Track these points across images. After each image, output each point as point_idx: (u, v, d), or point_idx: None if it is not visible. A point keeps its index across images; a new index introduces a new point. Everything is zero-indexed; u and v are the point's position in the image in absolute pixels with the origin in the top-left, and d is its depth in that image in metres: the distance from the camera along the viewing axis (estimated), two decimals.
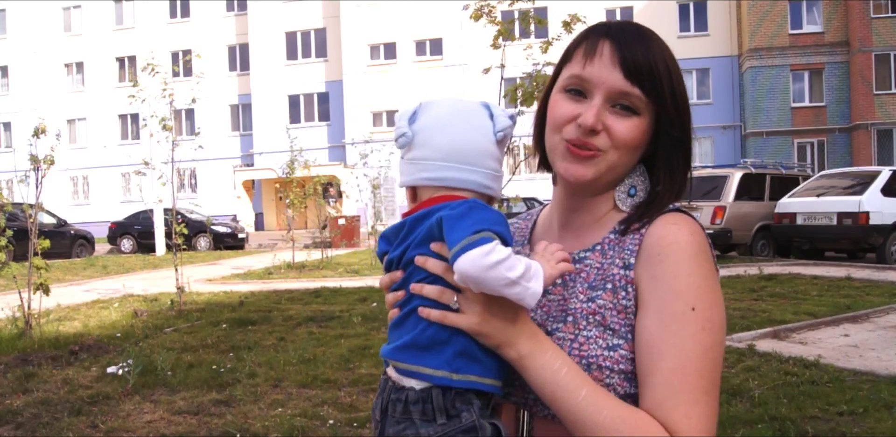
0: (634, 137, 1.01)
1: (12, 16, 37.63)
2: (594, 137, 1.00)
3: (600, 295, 0.99)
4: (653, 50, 1.01)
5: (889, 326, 6.66)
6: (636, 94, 0.99)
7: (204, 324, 7.54)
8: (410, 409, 0.92)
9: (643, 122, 1.01)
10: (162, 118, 8.81)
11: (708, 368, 0.92)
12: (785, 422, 3.88)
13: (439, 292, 0.94)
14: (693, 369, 0.91)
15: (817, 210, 12.82)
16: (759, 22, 28.12)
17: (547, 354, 0.93)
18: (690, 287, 0.94)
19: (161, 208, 20.28)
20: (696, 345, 0.92)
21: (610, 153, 1.01)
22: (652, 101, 1.01)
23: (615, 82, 0.99)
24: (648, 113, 1.01)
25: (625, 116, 1.00)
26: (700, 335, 0.93)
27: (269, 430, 4.05)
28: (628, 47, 1.00)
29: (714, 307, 0.95)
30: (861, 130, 26.84)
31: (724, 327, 0.97)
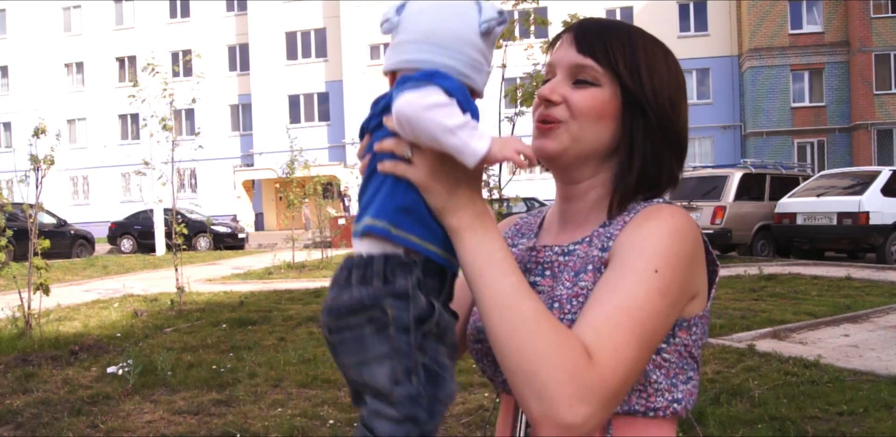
0: (591, 105, 1.01)
1: (12, 16, 37.63)
2: (553, 108, 1.02)
3: (582, 277, 0.99)
4: (609, 27, 1.04)
5: (889, 326, 6.66)
6: (589, 64, 1.01)
7: (204, 324, 7.54)
8: (352, 273, 0.90)
9: (603, 92, 1.02)
10: (162, 118, 8.81)
11: (651, 327, 0.89)
12: (785, 422, 3.88)
13: (395, 143, 0.92)
14: (638, 317, 0.88)
15: (817, 210, 12.82)
16: (759, 22, 28.12)
17: (489, 233, 0.91)
18: (658, 253, 0.93)
19: (161, 208, 20.28)
20: (647, 301, 0.89)
21: (571, 124, 1.02)
22: (609, 72, 1.01)
23: (571, 58, 1.03)
24: (611, 86, 1.02)
25: (583, 88, 1.02)
26: (654, 296, 0.90)
27: (269, 430, 4.05)
28: (586, 30, 1.05)
29: (675, 282, 0.92)
30: (861, 130, 26.85)
31: (675, 307, 0.93)
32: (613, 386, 0.84)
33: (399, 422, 0.86)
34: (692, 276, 0.96)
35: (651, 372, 0.96)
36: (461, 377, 5.00)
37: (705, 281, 1.01)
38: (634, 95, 1.02)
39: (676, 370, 0.98)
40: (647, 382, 0.95)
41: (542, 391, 0.82)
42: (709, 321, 1.04)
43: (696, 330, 1.00)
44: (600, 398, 0.83)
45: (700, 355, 1.03)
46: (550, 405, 0.81)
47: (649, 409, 0.96)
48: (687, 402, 0.99)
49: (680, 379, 0.98)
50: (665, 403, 0.97)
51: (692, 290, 0.97)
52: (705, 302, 1.01)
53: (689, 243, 0.96)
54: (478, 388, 4.75)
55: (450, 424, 4.09)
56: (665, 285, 0.91)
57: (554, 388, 0.82)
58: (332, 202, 23.30)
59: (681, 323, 0.97)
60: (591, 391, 0.82)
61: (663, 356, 0.97)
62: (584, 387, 0.82)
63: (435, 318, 0.89)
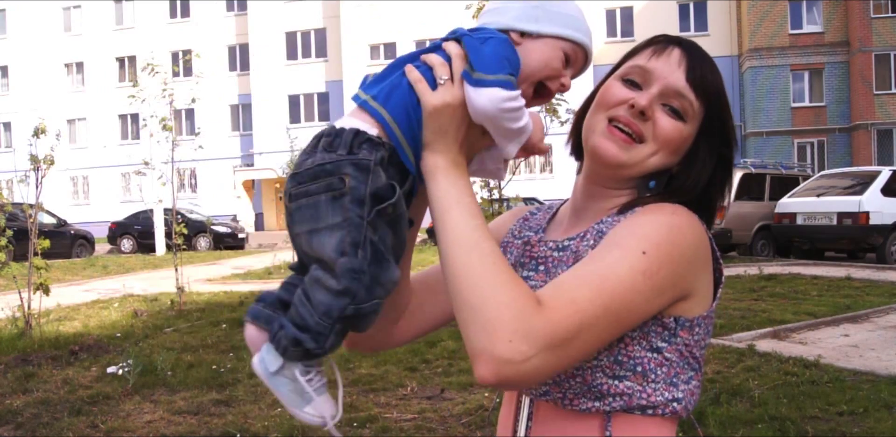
0: (675, 137, 1.02)
1: (12, 16, 37.63)
2: (642, 122, 1.01)
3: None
4: (717, 72, 1.05)
5: (889, 326, 6.66)
6: (690, 98, 1.01)
7: (204, 324, 7.54)
8: (321, 141, 0.92)
9: (687, 129, 1.03)
10: (162, 118, 8.80)
11: (622, 301, 0.87)
12: (785, 422, 3.88)
13: (441, 63, 0.93)
14: (611, 287, 0.86)
15: (817, 210, 12.82)
16: (759, 22, 28.12)
17: (462, 180, 0.93)
18: (650, 238, 0.92)
19: (161, 208, 20.24)
20: (627, 277, 0.88)
21: (648, 146, 1.02)
22: (702, 112, 1.03)
23: (676, 80, 1.02)
24: (694, 124, 1.03)
25: (672, 116, 1.02)
26: (636, 274, 0.88)
27: (269, 430, 4.05)
28: (696, 58, 1.04)
29: (664, 269, 0.90)
30: (861, 130, 26.84)
31: (660, 295, 0.91)
32: (559, 333, 0.82)
33: (337, 294, 0.87)
34: (687, 273, 0.95)
35: (651, 371, 0.95)
36: (461, 377, 5.01)
37: (709, 283, 1.00)
38: (713, 136, 1.05)
39: (677, 370, 0.97)
40: (645, 380, 0.95)
41: (486, 324, 0.81)
42: (712, 322, 1.03)
43: (698, 330, 0.99)
44: (543, 341, 0.81)
45: (703, 356, 1.02)
46: (491, 338, 0.81)
47: (648, 406, 0.96)
48: (687, 402, 0.98)
49: (681, 379, 0.98)
50: (664, 401, 0.96)
51: (685, 287, 0.95)
52: (709, 303, 1.00)
53: (688, 240, 0.95)
54: (478, 388, 4.75)
55: (450, 424, 4.09)
56: (650, 269, 0.89)
57: (497, 322, 0.81)
58: None
59: (683, 323, 0.97)
60: (534, 331, 0.81)
61: (665, 355, 0.96)
62: (528, 327, 0.81)
63: (394, 200, 0.89)
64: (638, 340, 0.95)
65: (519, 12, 0.97)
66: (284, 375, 0.95)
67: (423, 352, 5.79)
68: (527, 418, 1.03)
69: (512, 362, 0.80)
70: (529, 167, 29.57)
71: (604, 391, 0.95)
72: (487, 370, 0.81)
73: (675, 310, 0.96)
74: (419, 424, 4.10)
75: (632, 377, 0.95)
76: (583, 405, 0.97)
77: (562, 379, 0.97)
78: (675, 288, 0.93)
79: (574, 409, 0.97)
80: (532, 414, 1.02)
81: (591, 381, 0.95)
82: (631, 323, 0.90)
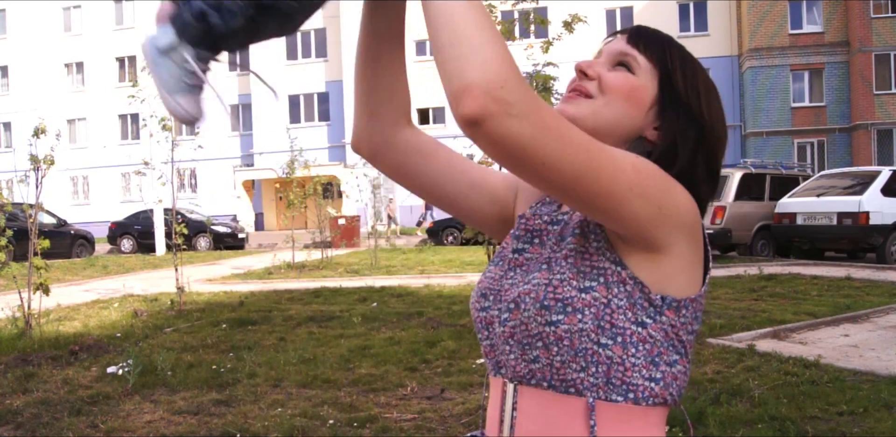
0: (621, 83, 1.04)
1: (12, 16, 37.61)
2: (586, 82, 1.05)
3: (570, 240, 1.01)
4: (661, 35, 1.08)
5: (889, 326, 6.66)
6: (633, 53, 1.05)
7: (204, 324, 7.54)
8: None
9: (635, 78, 1.04)
10: (162, 118, 8.80)
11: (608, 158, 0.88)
12: (785, 422, 3.88)
13: None
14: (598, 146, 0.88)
15: (817, 210, 12.82)
16: (759, 22, 28.11)
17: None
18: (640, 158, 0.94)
19: (161, 208, 20.27)
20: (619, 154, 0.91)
21: (597, 99, 1.04)
22: (653, 65, 1.05)
23: (618, 46, 1.07)
24: (645, 76, 1.05)
25: (617, 69, 1.06)
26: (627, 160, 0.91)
27: (269, 430, 4.05)
28: (642, 30, 1.09)
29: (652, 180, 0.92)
30: (861, 130, 26.84)
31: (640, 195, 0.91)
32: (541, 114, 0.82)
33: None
34: (673, 217, 0.94)
35: (632, 344, 0.95)
36: (461, 377, 5.01)
37: (697, 259, 1.00)
38: (674, 91, 1.05)
39: (660, 350, 0.97)
40: (625, 352, 0.95)
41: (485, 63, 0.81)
42: (702, 309, 1.03)
43: (685, 313, 0.99)
44: (528, 106, 0.81)
45: (690, 342, 1.01)
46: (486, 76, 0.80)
47: (625, 383, 0.96)
48: (668, 385, 0.97)
49: (663, 360, 0.97)
50: (641, 379, 0.96)
51: (667, 235, 0.95)
52: (697, 287, 1.00)
53: (680, 190, 0.96)
54: (477, 388, 4.75)
55: (450, 424, 4.09)
56: (642, 168, 0.92)
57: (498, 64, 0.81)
58: (331, 202, 23.30)
59: (670, 302, 0.97)
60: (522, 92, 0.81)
61: (649, 331, 0.96)
62: (520, 86, 0.81)
63: None
64: (623, 310, 0.95)
65: None
66: (172, 57, 0.89)
67: (423, 352, 5.80)
68: (511, 407, 1.03)
69: (500, 104, 0.79)
70: None
71: (588, 359, 0.95)
72: (476, 103, 0.79)
73: (661, 287, 0.96)
74: (419, 424, 4.10)
75: (613, 346, 0.95)
76: (569, 375, 0.96)
77: (550, 342, 0.96)
78: (658, 210, 0.92)
79: (560, 380, 0.97)
80: (516, 403, 1.02)
81: (578, 344, 0.95)
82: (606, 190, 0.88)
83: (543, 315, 0.96)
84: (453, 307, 8.02)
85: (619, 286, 0.96)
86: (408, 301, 8.80)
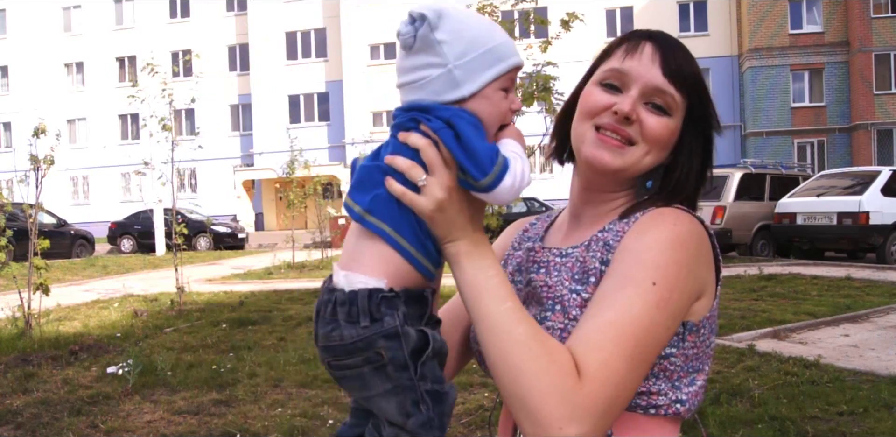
0: (664, 134, 1.03)
1: (12, 16, 37.62)
2: (628, 126, 1.02)
3: (585, 289, 0.99)
4: (692, 60, 1.06)
5: (889, 326, 6.66)
6: (672, 93, 1.02)
7: (204, 324, 7.54)
8: (338, 310, 0.90)
9: (673, 123, 1.04)
10: (162, 118, 8.81)
11: (644, 341, 0.89)
12: (785, 422, 3.88)
13: (409, 165, 0.90)
14: (631, 332, 0.88)
15: (817, 210, 12.82)
16: (759, 22, 28.11)
17: (486, 260, 0.93)
18: (658, 265, 0.93)
19: (161, 208, 20.28)
20: (643, 314, 0.90)
21: (639, 148, 1.03)
22: (686, 103, 1.04)
23: (653, 78, 1.02)
24: (679, 116, 1.04)
25: (657, 113, 1.03)
26: (651, 309, 0.90)
27: (269, 430, 4.05)
28: (670, 50, 1.04)
29: (675, 293, 0.92)
30: (861, 130, 26.84)
31: (676, 318, 0.93)
32: (603, 404, 0.84)
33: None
34: (695, 279, 0.96)
35: (653, 375, 0.96)
36: (461, 377, 5.00)
37: (713, 278, 1.01)
38: (696, 130, 1.06)
39: (680, 374, 0.98)
40: (651, 386, 0.96)
41: (534, 414, 0.83)
42: (716, 319, 1.04)
43: (703, 331, 1.00)
44: (590, 416, 0.83)
45: (709, 354, 1.03)
46: (542, 427, 0.83)
47: (650, 406, 0.96)
48: (691, 404, 0.99)
49: (684, 382, 0.98)
50: (667, 402, 0.97)
51: (696, 291, 0.97)
52: (712, 301, 1.01)
53: (692, 248, 0.96)
54: (478, 388, 4.75)
55: (450, 424, 4.09)
56: (663, 298, 0.91)
57: (545, 411, 0.83)
58: (331, 202, 23.31)
59: (690, 328, 0.98)
60: (580, 410, 0.83)
61: (671, 360, 0.97)
62: (574, 407, 0.83)
63: (430, 348, 0.90)
64: None
65: (437, 85, 0.92)
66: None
67: None
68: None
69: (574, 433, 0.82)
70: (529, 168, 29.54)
71: None
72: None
73: (686, 316, 0.97)
74: None
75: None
76: None
77: None
78: (687, 302, 0.95)
79: None
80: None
81: None
82: (658, 353, 0.92)
83: None
84: None
85: None
86: None
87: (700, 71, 1.06)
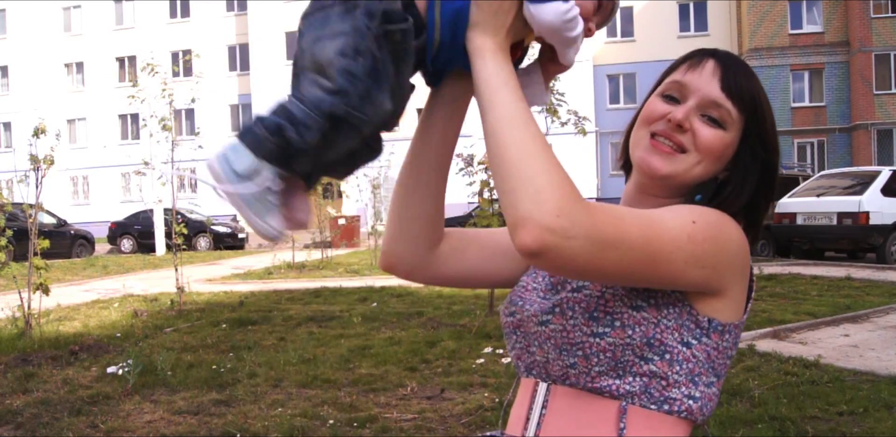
0: (716, 145, 1.05)
1: (12, 16, 37.62)
2: (681, 133, 1.05)
3: (609, 333, 0.97)
4: (753, 78, 1.08)
5: (889, 326, 6.66)
6: (727, 107, 1.04)
7: (204, 324, 7.54)
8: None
9: (728, 136, 1.06)
10: (162, 118, 8.80)
11: (665, 247, 0.90)
12: (785, 422, 3.88)
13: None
14: (658, 230, 0.90)
15: (817, 210, 12.82)
16: (759, 22, 28.13)
17: (508, 65, 0.95)
18: (702, 215, 0.97)
19: (161, 208, 20.27)
20: (675, 231, 0.92)
21: (691, 156, 1.05)
22: (742, 119, 1.05)
23: (710, 91, 1.05)
24: (734, 131, 1.06)
25: (711, 125, 1.05)
26: (683, 233, 0.92)
27: (269, 430, 4.05)
28: (731, 68, 1.07)
29: (709, 243, 0.94)
30: (861, 130, 26.85)
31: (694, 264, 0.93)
32: (599, 230, 0.84)
33: (330, 92, 0.85)
34: (727, 265, 0.98)
35: (676, 362, 0.97)
36: (461, 376, 5.01)
37: (743, 293, 1.03)
38: (753, 148, 1.07)
39: (701, 370, 0.99)
40: (670, 369, 0.97)
41: (536, 195, 0.83)
42: (740, 335, 1.06)
43: (727, 338, 1.02)
44: (585, 229, 0.83)
45: (726, 366, 1.05)
46: (539, 208, 0.82)
47: (664, 398, 0.97)
48: (703, 405, 1.00)
49: (702, 380, 1.00)
50: (680, 396, 0.98)
51: (721, 280, 0.98)
52: (740, 314, 1.04)
53: (734, 236, 0.99)
54: (478, 388, 4.75)
55: (450, 424, 4.09)
56: (697, 236, 0.93)
57: (547, 194, 0.83)
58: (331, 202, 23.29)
59: (716, 326, 1.00)
60: (578, 217, 0.83)
61: (693, 351, 0.98)
62: (574, 211, 0.83)
63: (404, 26, 0.90)
64: (671, 330, 0.97)
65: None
66: (252, 179, 0.84)
67: (423, 352, 5.80)
68: (541, 405, 1.04)
69: (556, 234, 0.82)
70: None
71: (627, 369, 0.97)
72: (531, 236, 0.82)
73: (709, 309, 0.99)
74: (419, 424, 4.10)
75: (658, 362, 0.97)
76: (605, 382, 0.98)
77: (591, 352, 0.98)
78: (714, 271, 0.96)
79: (594, 386, 0.98)
80: (547, 402, 1.03)
81: (621, 356, 0.97)
82: (663, 274, 0.92)
83: (590, 326, 0.98)
84: (453, 307, 8.02)
85: (669, 308, 0.98)
86: (408, 301, 8.79)
87: (761, 90, 1.08)
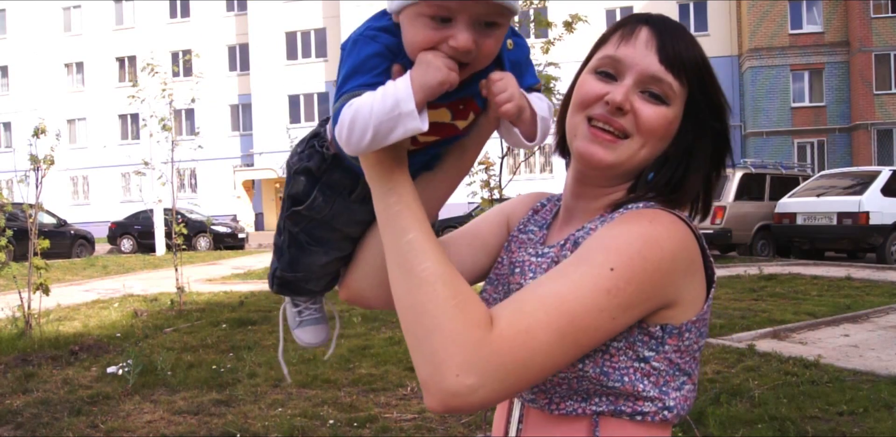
0: (661, 125, 0.96)
1: (12, 16, 37.62)
2: (621, 116, 0.96)
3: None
4: (692, 43, 0.98)
5: (889, 326, 6.66)
6: (668, 80, 0.95)
7: (204, 324, 7.54)
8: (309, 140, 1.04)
9: (671, 112, 0.97)
10: (162, 118, 8.80)
11: (582, 323, 0.82)
12: (785, 422, 3.88)
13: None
14: (570, 308, 0.82)
15: (817, 210, 12.82)
16: (759, 22, 28.11)
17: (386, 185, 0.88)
18: (621, 253, 0.86)
19: (161, 208, 20.24)
20: (590, 295, 0.83)
21: (634, 140, 0.97)
22: (686, 91, 0.97)
23: (649, 66, 0.95)
24: (678, 105, 0.97)
25: (653, 103, 0.96)
26: (600, 293, 0.84)
27: (269, 430, 4.05)
28: (668, 35, 0.97)
29: (633, 286, 0.85)
30: (861, 130, 26.84)
31: (627, 312, 0.86)
32: (507, 363, 0.79)
33: (274, 260, 1.15)
34: (666, 283, 0.89)
35: (638, 381, 0.92)
36: None
37: (700, 285, 0.95)
38: (700, 121, 0.99)
39: (667, 378, 0.93)
40: (634, 389, 0.92)
41: (432, 356, 0.79)
42: (706, 323, 0.99)
43: (688, 335, 0.95)
44: (491, 373, 0.78)
45: (696, 359, 0.98)
46: (437, 370, 0.79)
47: (636, 412, 0.93)
48: (680, 409, 0.95)
49: (671, 387, 0.94)
50: (654, 409, 0.93)
51: (665, 298, 0.90)
52: (700, 307, 0.95)
53: (665, 251, 0.89)
54: None
55: (450, 424, 4.09)
56: (618, 287, 0.85)
57: (443, 354, 0.79)
58: None
59: (670, 331, 0.93)
60: (481, 363, 0.78)
61: (652, 365, 0.92)
62: (477, 357, 0.78)
63: (302, 206, 1.03)
64: (624, 350, 0.91)
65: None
66: (288, 304, 1.25)
67: None
68: (518, 420, 1.02)
69: (459, 395, 0.78)
70: (529, 167, 29.56)
71: (591, 393, 0.93)
72: (435, 402, 0.79)
73: (660, 318, 0.92)
74: (419, 424, 4.10)
75: (620, 387, 0.92)
76: (569, 407, 0.95)
77: (547, 387, 0.95)
78: (649, 301, 0.89)
79: (561, 412, 0.95)
80: (523, 417, 1.01)
81: (578, 387, 0.93)
82: (595, 342, 0.86)
83: None
84: None
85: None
86: None
87: (703, 56, 0.98)
